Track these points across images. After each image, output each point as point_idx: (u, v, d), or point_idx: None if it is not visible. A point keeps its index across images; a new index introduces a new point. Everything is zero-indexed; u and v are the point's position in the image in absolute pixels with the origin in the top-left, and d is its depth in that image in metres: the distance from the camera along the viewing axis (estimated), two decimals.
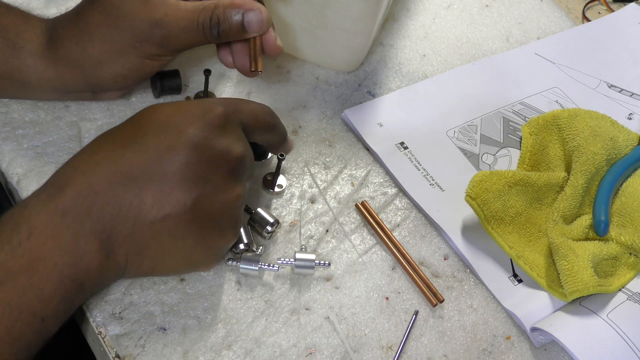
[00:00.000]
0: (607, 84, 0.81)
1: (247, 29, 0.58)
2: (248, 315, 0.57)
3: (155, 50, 0.59)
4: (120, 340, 0.53)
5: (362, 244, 0.63)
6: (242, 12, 0.57)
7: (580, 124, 0.68)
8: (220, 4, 0.58)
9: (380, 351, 0.57)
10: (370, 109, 0.72)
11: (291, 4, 0.68)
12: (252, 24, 0.58)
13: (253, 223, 0.60)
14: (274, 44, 0.60)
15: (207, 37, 0.58)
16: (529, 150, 0.70)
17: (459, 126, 0.73)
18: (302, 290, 0.59)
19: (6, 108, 0.64)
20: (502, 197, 0.62)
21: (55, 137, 0.63)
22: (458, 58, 0.80)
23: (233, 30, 0.58)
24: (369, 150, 0.69)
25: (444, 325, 0.59)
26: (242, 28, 0.58)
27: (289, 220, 0.63)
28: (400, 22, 0.82)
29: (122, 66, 0.59)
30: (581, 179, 0.64)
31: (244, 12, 0.58)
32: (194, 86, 0.70)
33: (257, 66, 0.60)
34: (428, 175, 0.68)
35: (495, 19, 0.85)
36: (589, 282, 0.58)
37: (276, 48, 0.61)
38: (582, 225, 0.63)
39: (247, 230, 0.59)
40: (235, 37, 0.59)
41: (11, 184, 0.61)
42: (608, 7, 0.91)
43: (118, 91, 0.65)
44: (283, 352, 0.55)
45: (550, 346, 0.59)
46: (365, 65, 0.76)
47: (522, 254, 0.62)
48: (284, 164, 0.66)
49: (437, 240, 0.64)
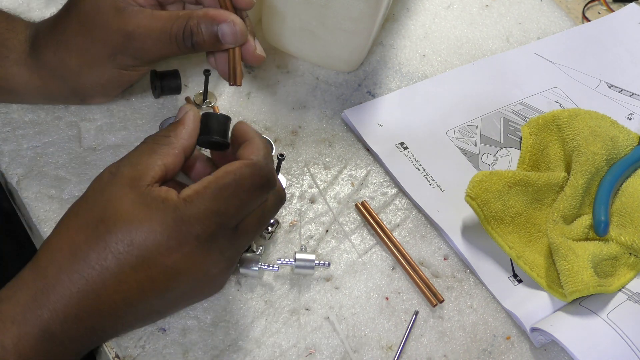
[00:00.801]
0: (607, 84, 0.81)
1: (222, 41, 0.56)
2: (248, 316, 0.56)
3: (131, 62, 0.58)
4: (120, 341, 0.53)
5: (362, 244, 0.63)
6: (217, 25, 0.55)
7: (580, 124, 0.68)
8: (195, 14, 0.56)
9: (380, 351, 0.57)
10: (370, 109, 0.72)
11: (291, 4, 0.68)
12: (227, 36, 0.56)
13: None
14: (254, 53, 0.58)
15: (180, 48, 0.57)
16: (529, 150, 0.70)
17: (459, 126, 0.73)
18: (302, 291, 0.59)
19: (6, 108, 0.64)
20: (502, 197, 0.62)
21: (55, 137, 0.63)
22: (458, 58, 0.80)
23: (207, 42, 0.56)
24: (369, 150, 0.69)
25: (444, 326, 0.59)
26: (217, 40, 0.56)
27: (288, 220, 0.63)
28: (400, 22, 0.82)
29: (99, 77, 0.59)
30: (581, 179, 0.64)
31: (218, 25, 0.55)
32: (193, 86, 0.70)
33: (235, 80, 0.58)
34: (428, 175, 0.68)
35: (495, 19, 0.85)
36: (589, 282, 0.58)
37: (257, 57, 0.59)
38: (582, 225, 0.63)
39: None
40: (211, 49, 0.57)
41: (11, 184, 0.61)
42: (608, 7, 0.91)
43: (105, 97, 0.64)
44: (283, 352, 0.55)
45: (550, 346, 0.59)
46: (365, 65, 0.76)
47: (522, 254, 0.62)
48: (284, 164, 0.66)
49: (437, 240, 0.64)
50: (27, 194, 0.60)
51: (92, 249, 0.47)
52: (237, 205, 0.49)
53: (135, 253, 0.46)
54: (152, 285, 0.48)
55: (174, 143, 0.50)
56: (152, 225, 0.46)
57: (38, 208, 0.59)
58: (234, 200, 0.48)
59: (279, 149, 0.67)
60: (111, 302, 0.47)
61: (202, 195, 0.47)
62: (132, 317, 0.51)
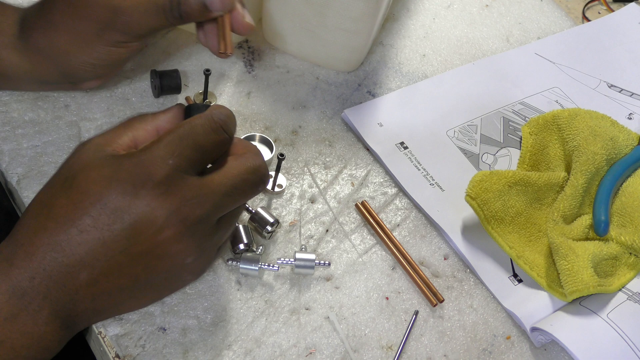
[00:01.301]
0: (607, 84, 0.81)
1: (209, 8, 0.56)
2: (248, 315, 0.56)
3: (119, 37, 0.57)
4: (120, 341, 0.53)
5: (362, 244, 0.63)
6: None
7: (580, 124, 0.68)
8: None
9: (380, 351, 0.57)
10: (370, 109, 0.72)
11: (291, 4, 0.68)
12: (214, 3, 0.56)
13: (253, 223, 0.60)
14: (243, 21, 0.58)
15: (169, 19, 0.56)
16: (529, 150, 0.70)
17: (459, 126, 0.73)
18: (302, 290, 0.59)
19: (6, 107, 0.64)
20: (502, 197, 0.62)
21: (55, 136, 0.63)
22: (458, 58, 0.80)
23: (195, 11, 0.56)
24: (369, 150, 0.69)
25: (444, 325, 0.59)
26: (204, 7, 0.56)
27: (289, 220, 0.63)
28: (400, 22, 0.82)
29: (89, 55, 0.58)
30: (581, 179, 0.64)
31: None
32: (194, 86, 0.70)
33: (225, 47, 0.58)
34: (428, 175, 0.68)
35: (495, 19, 0.85)
36: (589, 282, 0.58)
37: (246, 26, 0.58)
38: (582, 225, 0.63)
39: (247, 230, 0.59)
40: (199, 18, 0.57)
41: (11, 184, 0.61)
42: (608, 7, 0.91)
43: (96, 80, 0.63)
44: (283, 352, 0.55)
45: (550, 346, 0.59)
46: (365, 65, 0.76)
47: (522, 254, 0.62)
48: (284, 164, 0.66)
49: (437, 240, 0.64)
50: (27, 194, 0.60)
51: (56, 202, 0.47)
52: (192, 147, 0.48)
53: (91, 201, 0.46)
54: (112, 236, 0.46)
55: (148, 120, 0.51)
56: (102, 172, 0.46)
57: None
58: (187, 141, 0.48)
59: (279, 149, 0.67)
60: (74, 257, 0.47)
61: (156, 143, 0.47)
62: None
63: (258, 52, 0.75)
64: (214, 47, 0.59)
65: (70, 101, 0.66)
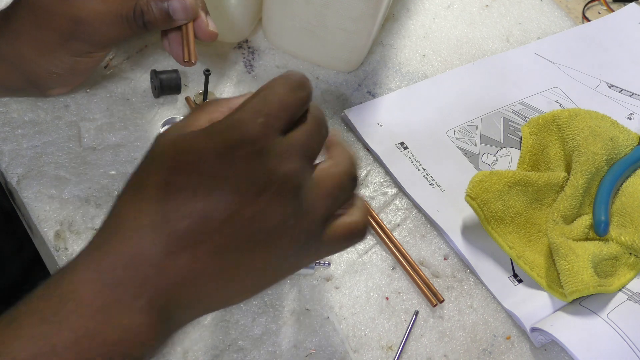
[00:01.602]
0: (607, 84, 0.81)
1: (173, 17, 0.56)
2: (248, 315, 0.56)
3: (84, 47, 0.57)
4: None
5: (362, 244, 0.63)
6: (166, 1, 0.56)
7: (580, 124, 0.68)
8: None
9: (380, 351, 0.57)
10: (370, 109, 0.72)
11: (291, 4, 0.68)
12: (177, 12, 0.56)
13: None
14: (206, 29, 0.58)
15: (133, 29, 0.56)
16: (529, 150, 0.70)
17: (459, 126, 0.73)
18: (302, 290, 0.59)
19: (5, 108, 0.64)
20: (502, 197, 0.62)
21: (55, 137, 0.63)
22: (458, 58, 0.80)
23: (159, 20, 0.56)
24: (369, 150, 0.69)
25: (444, 325, 0.59)
26: (167, 16, 0.56)
27: None
28: (400, 22, 0.82)
29: (53, 65, 0.58)
30: (581, 179, 0.64)
31: (167, 1, 0.56)
32: (194, 86, 0.70)
33: (190, 56, 0.58)
34: (428, 175, 0.68)
35: (495, 19, 0.85)
36: (589, 282, 0.58)
37: (209, 34, 0.58)
38: (582, 225, 0.63)
39: None
40: (163, 26, 0.57)
41: (11, 184, 0.61)
42: (608, 7, 0.91)
43: (64, 87, 0.63)
44: (283, 352, 0.55)
45: (550, 346, 0.59)
46: (365, 65, 0.76)
47: (522, 254, 0.62)
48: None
49: (437, 240, 0.64)
50: (27, 194, 0.60)
51: (148, 182, 0.43)
52: (277, 105, 0.44)
53: (187, 172, 0.42)
54: (213, 204, 0.42)
55: (222, 103, 0.47)
56: (192, 141, 0.43)
57: (38, 208, 0.59)
58: (272, 101, 0.44)
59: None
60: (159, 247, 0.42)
61: (240, 107, 0.44)
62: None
63: (258, 52, 0.75)
64: (178, 55, 0.59)
65: (70, 101, 0.66)
